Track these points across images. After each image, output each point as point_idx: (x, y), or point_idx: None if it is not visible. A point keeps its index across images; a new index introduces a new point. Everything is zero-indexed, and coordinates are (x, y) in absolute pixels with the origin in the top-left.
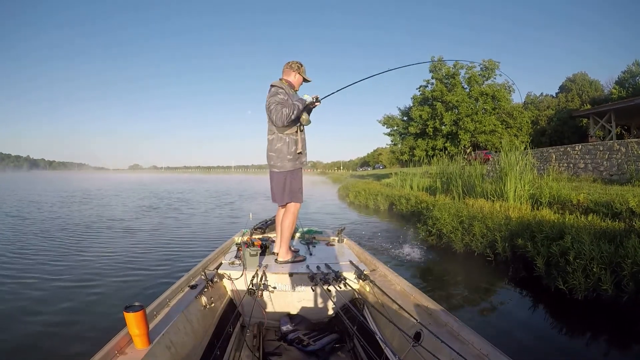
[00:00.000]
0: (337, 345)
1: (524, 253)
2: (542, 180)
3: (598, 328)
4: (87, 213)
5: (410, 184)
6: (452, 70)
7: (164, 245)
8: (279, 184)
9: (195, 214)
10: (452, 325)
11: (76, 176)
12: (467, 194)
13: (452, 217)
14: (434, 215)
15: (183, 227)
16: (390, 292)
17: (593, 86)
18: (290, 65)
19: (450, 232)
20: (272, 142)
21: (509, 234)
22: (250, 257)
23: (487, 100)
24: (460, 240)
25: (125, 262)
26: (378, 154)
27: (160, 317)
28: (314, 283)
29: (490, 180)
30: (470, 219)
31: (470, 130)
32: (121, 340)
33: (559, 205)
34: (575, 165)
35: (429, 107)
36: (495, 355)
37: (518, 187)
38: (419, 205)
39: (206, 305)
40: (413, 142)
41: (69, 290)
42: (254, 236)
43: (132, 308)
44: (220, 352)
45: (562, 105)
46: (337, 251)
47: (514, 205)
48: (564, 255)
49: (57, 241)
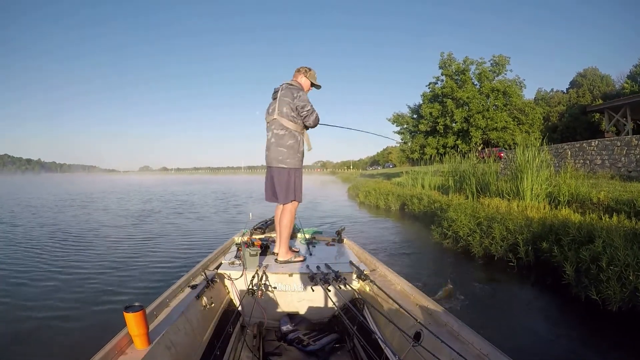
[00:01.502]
0: (337, 345)
1: (548, 258)
2: (560, 178)
3: (635, 344)
4: (87, 214)
5: (422, 182)
6: (462, 66)
7: (164, 245)
8: (284, 181)
9: (196, 214)
10: (452, 325)
11: (84, 179)
12: (480, 192)
13: (469, 219)
14: (450, 216)
15: (183, 227)
16: (390, 292)
17: (604, 81)
18: (299, 70)
19: (467, 234)
20: (284, 138)
21: (531, 236)
22: (250, 257)
23: (498, 96)
24: (478, 244)
25: (125, 262)
26: (388, 153)
27: (160, 317)
28: (314, 283)
29: (504, 178)
30: (488, 220)
31: (482, 127)
32: (121, 340)
33: (577, 203)
34: (592, 162)
35: (439, 104)
36: (495, 355)
37: (535, 185)
38: (432, 205)
39: (206, 305)
40: (423, 140)
41: (69, 291)
42: (254, 236)
43: (132, 308)
44: (220, 352)
45: (573, 101)
46: (337, 251)
47: (531, 204)
48: (595, 261)
49: (57, 241)
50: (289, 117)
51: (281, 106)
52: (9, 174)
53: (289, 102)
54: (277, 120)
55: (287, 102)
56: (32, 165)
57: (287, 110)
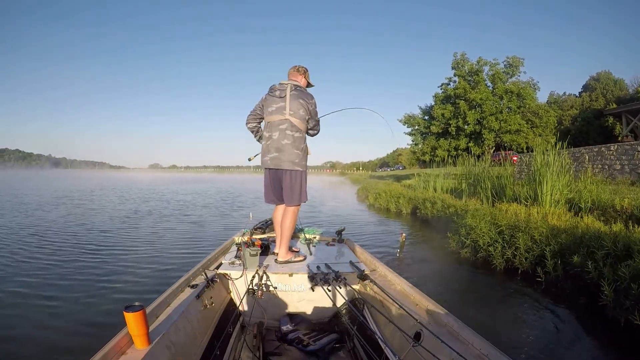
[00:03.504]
0: (337, 345)
1: (579, 273)
2: (580, 183)
3: None
4: (87, 213)
5: (434, 185)
6: (476, 67)
7: (164, 245)
8: (297, 184)
9: (197, 215)
10: (452, 325)
11: (87, 175)
12: (496, 197)
13: (489, 226)
14: (468, 223)
15: (183, 227)
16: (390, 292)
17: (617, 85)
18: (298, 69)
19: (488, 244)
20: (298, 140)
21: (559, 247)
22: (250, 257)
23: (512, 98)
24: (500, 255)
25: (125, 262)
26: (398, 155)
27: (160, 317)
28: (314, 283)
29: (520, 183)
30: (511, 229)
31: (495, 129)
32: (121, 340)
33: (599, 211)
34: (611, 167)
35: (452, 106)
36: (495, 355)
37: (555, 191)
38: (447, 210)
39: (206, 305)
40: (435, 142)
41: (69, 291)
42: (254, 236)
43: (132, 308)
44: (220, 352)
45: (586, 105)
46: (337, 251)
47: (552, 210)
48: (637, 280)
49: (57, 241)
50: (303, 119)
51: (296, 107)
52: (19, 169)
53: (304, 105)
54: (290, 121)
55: (302, 104)
56: (42, 160)
57: (303, 113)
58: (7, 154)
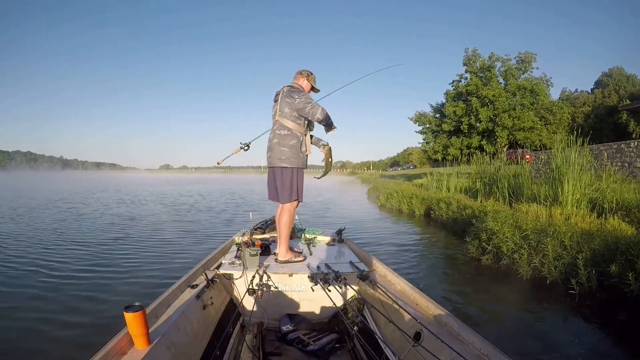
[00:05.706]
0: (337, 345)
1: (617, 284)
2: (603, 182)
3: None
4: (87, 213)
5: (447, 185)
6: (488, 63)
7: (164, 245)
8: (287, 181)
9: (197, 215)
10: (452, 325)
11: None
12: (513, 197)
13: (512, 230)
14: (489, 227)
15: (183, 227)
16: (390, 292)
17: (630, 81)
18: (301, 73)
19: (512, 250)
20: (286, 138)
21: (592, 255)
22: (250, 257)
23: (525, 94)
24: (526, 263)
25: (125, 262)
26: (408, 154)
27: (160, 317)
28: (314, 283)
29: (538, 181)
30: (537, 233)
31: (508, 127)
32: (121, 340)
33: (623, 211)
34: (631, 165)
35: (463, 103)
36: (495, 355)
37: (577, 190)
38: (463, 211)
39: (206, 305)
40: (446, 141)
41: (69, 291)
42: (254, 236)
43: (132, 308)
44: (220, 352)
45: (599, 102)
46: (337, 251)
47: (576, 212)
48: None
49: (57, 240)
50: (291, 117)
51: (282, 107)
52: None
53: (290, 102)
54: (279, 121)
55: (288, 103)
56: (53, 162)
57: (288, 110)
58: (18, 156)
